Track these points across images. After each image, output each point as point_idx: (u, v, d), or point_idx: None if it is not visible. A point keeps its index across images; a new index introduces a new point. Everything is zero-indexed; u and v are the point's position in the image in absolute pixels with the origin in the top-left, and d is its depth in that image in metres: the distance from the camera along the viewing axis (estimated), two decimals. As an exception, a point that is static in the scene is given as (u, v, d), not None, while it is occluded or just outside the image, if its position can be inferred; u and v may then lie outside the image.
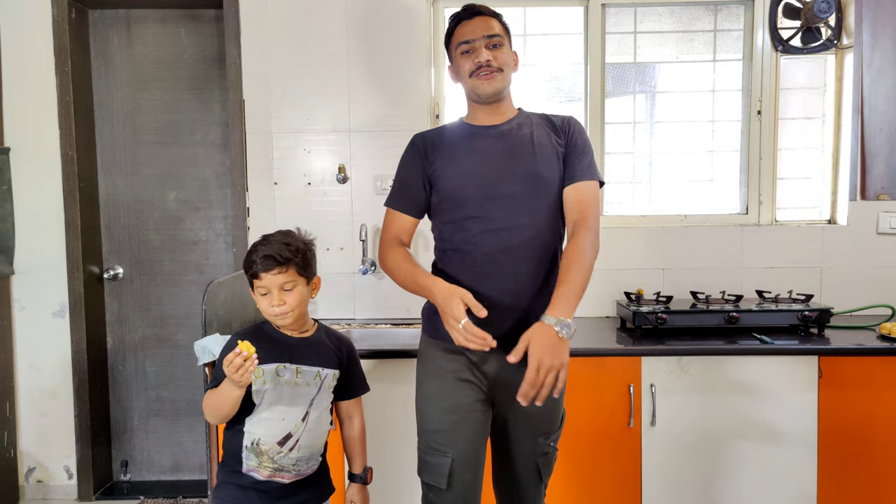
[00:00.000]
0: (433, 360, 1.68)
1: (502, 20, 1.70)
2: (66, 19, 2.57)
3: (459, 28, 1.68)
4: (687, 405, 2.12)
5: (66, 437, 2.70)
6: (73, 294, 2.65)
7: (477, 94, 1.66)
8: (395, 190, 1.74)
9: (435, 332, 1.69)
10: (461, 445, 1.62)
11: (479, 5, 1.69)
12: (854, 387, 2.10)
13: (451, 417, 1.62)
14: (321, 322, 1.72)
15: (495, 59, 1.64)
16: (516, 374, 1.61)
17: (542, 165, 1.64)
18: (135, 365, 2.82)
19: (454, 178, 1.65)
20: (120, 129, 2.76)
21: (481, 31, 1.64)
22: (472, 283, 1.60)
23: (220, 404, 1.54)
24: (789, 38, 2.60)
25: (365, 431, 1.74)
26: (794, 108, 2.69)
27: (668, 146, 2.73)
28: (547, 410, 1.65)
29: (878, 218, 2.57)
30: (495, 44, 1.65)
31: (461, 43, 1.66)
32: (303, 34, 2.56)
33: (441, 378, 1.65)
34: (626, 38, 2.70)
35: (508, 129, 1.68)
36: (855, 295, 2.56)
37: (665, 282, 2.60)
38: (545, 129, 1.69)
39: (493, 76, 1.63)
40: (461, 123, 1.75)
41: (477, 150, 1.66)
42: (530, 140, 1.66)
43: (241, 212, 2.62)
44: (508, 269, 1.60)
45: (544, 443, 1.68)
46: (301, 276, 1.58)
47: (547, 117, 1.73)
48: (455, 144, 1.69)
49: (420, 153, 1.71)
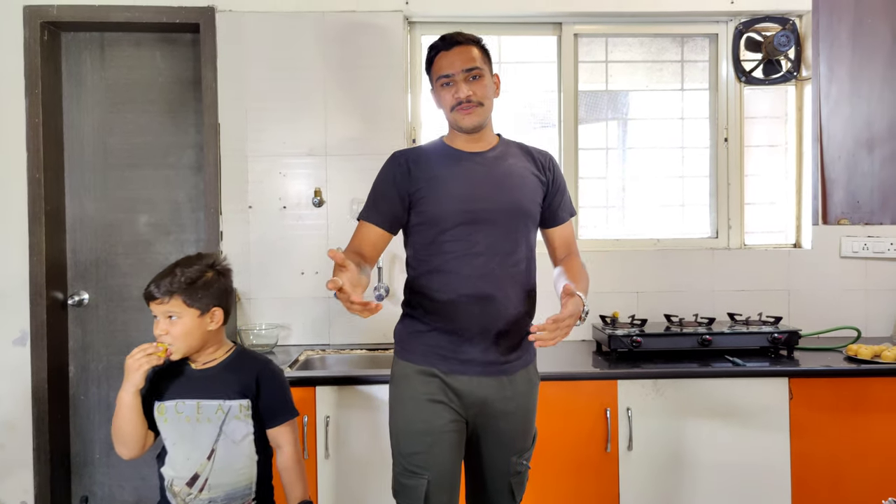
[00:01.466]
0: (406, 382, 1.67)
1: (482, 45, 1.70)
2: (38, 41, 2.53)
3: (438, 59, 1.67)
4: (663, 428, 2.13)
5: (24, 470, 2.58)
6: (36, 321, 2.56)
7: (459, 126, 1.68)
8: (369, 203, 1.71)
9: (407, 354, 1.69)
10: (437, 467, 1.62)
11: (458, 34, 1.68)
12: (824, 408, 2.14)
13: (426, 439, 1.62)
14: (245, 347, 1.69)
15: (475, 94, 1.64)
16: (489, 394, 1.64)
17: (526, 199, 1.68)
18: (98, 395, 2.73)
19: (441, 200, 1.64)
20: (90, 152, 2.71)
21: (460, 63, 1.64)
22: (449, 307, 1.62)
23: (116, 418, 1.51)
24: (752, 69, 2.71)
25: (299, 461, 1.62)
26: (758, 135, 2.79)
27: (640, 172, 2.79)
28: (520, 430, 1.69)
29: (841, 242, 2.65)
30: (475, 76, 1.65)
31: (441, 76, 1.66)
32: (279, 58, 2.57)
33: (415, 400, 1.64)
34: (598, 66, 2.77)
35: (493, 158, 1.70)
36: (821, 317, 2.62)
37: (639, 305, 2.63)
38: (525, 160, 1.73)
39: (472, 111, 1.65)
40: (443, 145, 1.74)
41: (464, 174, 1.67)
42: (516, 172, 1.69)
43: (215, 235, 2.58)
44: (486, 294, 1.61)
45: (517, 461, 1.69)
46: (190, 308, 1.52)
47: (526, 149, 1.76)
48: (441, 166, 1.69)
49: (402, 169, 1.69)
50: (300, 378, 2.12)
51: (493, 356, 1.63)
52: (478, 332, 1.62)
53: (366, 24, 2.57)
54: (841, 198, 2.65)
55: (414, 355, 1.67)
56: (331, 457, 2.10)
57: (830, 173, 2.65)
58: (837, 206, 2.65)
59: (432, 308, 1.65)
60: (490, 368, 1.63)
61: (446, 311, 1.63)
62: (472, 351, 1.62)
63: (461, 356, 1.63)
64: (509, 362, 1.66)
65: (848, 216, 2.64)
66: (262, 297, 2.60)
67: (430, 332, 1.66)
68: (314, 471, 2.09)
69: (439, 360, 1.64)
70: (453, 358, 1.63)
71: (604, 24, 2.72)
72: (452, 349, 1.63)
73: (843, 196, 2.65)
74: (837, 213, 2.64)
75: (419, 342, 1.67)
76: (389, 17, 2.57)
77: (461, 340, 1.63)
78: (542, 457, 2.08)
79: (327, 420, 2.09)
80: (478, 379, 1.63)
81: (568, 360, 2.33)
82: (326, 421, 2.09)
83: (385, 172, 1.72)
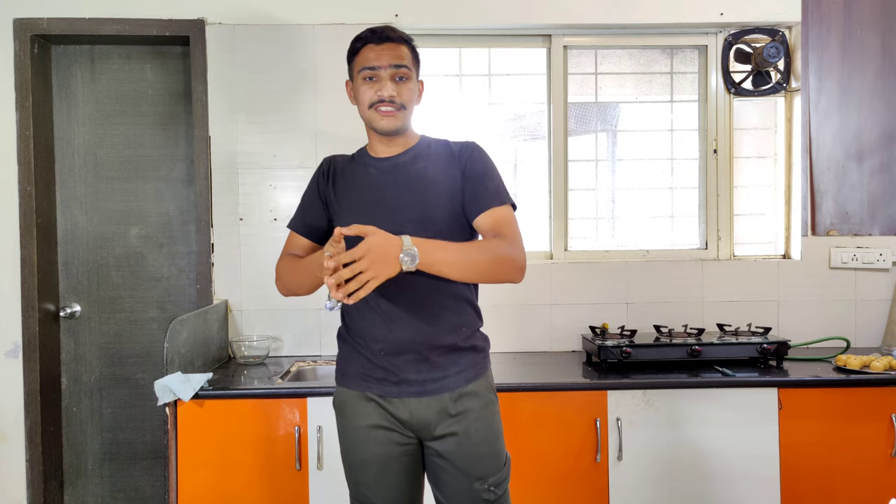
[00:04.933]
0: (345, 410, 1.59)
1: (413, 46, 1.58)
2: (29, 55, 2.54)
3: (364, 51, 1.53)
4: (652, 439, 2.14)
5: (16, 482, 2.58)
6: (28, 333, 2.56)
7: (374, 127, 1.56)
8: (298, 210, 1.66)
9: (343, 379, 1.61)
10: (385, 496, 1.55)
11: (390, 29, 1.55)
12: (813, 418, 2.15)
13: (370, 469, 1.55)
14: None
15: (399, 95, 1.52)
16: (430, 415, 1.53)
17: (432, 206, 1.53)
18: (90, 406, 2.73)
19: (343, 212, 1.56)
20: (81, 165, 2.72)
21: (388, 59, 1.51)
22: (373, 326, 1.54)
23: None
24: (741, 81, 2.72)
25: None
26: (748, 147, 2.80)
27: (629, 183, 2.80)
28: (478, 452, 1.53)
29: (830, 253, 2.66)
30: (402, 76, 1.53)
31: (365, 68, 1.52)
32: (269, 71, 2.58)
33: (355, 430, 1.57)
34: (587, 78, 2.79)
35: (403, 163, 1.58)
36: (810, 327, 2.63)
37: (629, 316, 2.64)
38: (442, 159, 1.58)
39: (394, 114, 1.52)
40: (363, 151, 1.65)
41: (367, 184, 1.57)
42: (423, 175, 1.55)
43: (206, 248, 2.59)
44: (402, 311, 1.52)
45: (481, 488, 1.52)
46: None
47: (447, 145, 1.61)
48: (351, 175, 1.60)
49: (322, 176, 1.63)
50: (291, 389, 2.13)
51: (426, 374, 1.52)
52: (405, 350, 1.52)
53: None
54: (830, 209, 2.68)
55: (349, 380, 1.59)
56: (324, 468, 2.10)
57: (819, 184, 2.68)
58: (826, 217, 2.68)
59: (357, 329, 1.57)
60: (425, 387, 1.52)
61: (370, 331, 1.54)
62: (404, 371, 1.52)
63: (392, 378, 1.53)
64: (447, 378, 1.53)
65: (837, 227, 2.67)
66: (254, 309, 2.60)
67: (360, 355, 1.57)
68: (306, 482, 2.10)
69: (374, 383, 1.55)
70: (385, 380, 1.54)
71: (593, 35, 2.73)
72: (383, 370, 1.53)
73: (832, 207, 2.68)
74: (826, 224, 2.67)
75: (352, 366, 1.59)
76: (380, 30, 2.58)
77: (389, 360, 1.53)
78: (532, 468, 2.09)
79: (319, 431, 2.10)
80: (416, 400, 1.53)
81: (557, 370, 2.33)
82: (319, 432, 2.10)
83: (312, 179, 1.66)
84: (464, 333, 1.57)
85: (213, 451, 2.10)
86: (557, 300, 2.63)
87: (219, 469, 2.10)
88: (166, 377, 2.06)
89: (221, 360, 2.53)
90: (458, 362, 1.55)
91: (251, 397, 2.11)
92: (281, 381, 2.25)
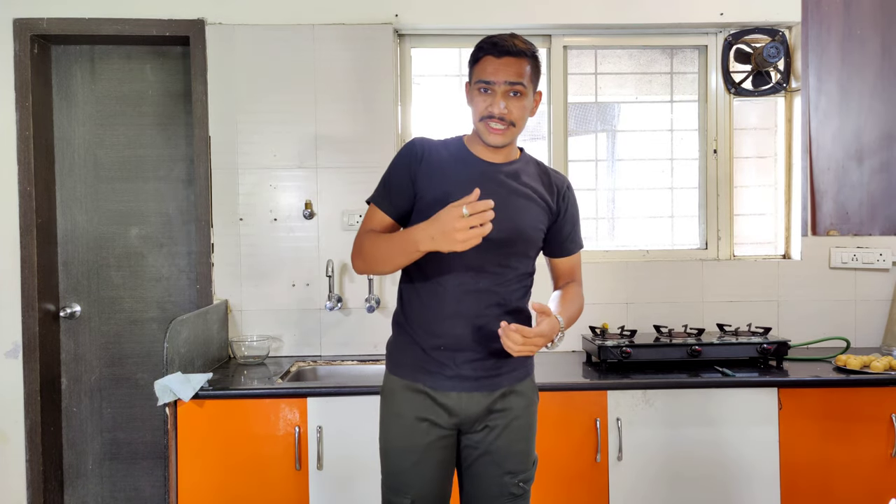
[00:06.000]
0: (393, 398, 1.65)
1: (535, 57, 1.57)
2: (28, 55, 2.54)
3: (484, 61, 1.54)
4: (652, 438, 2.14)
5: (16, 482, 2.58)
6: (28, 333, 2.56)
7: (483, 139, 1.58)
8: (382, 188, 1.63)
9: (396, 368, 1.66)
10: (421, 487, 1.60)
11: (513, 42, 1.54)
12: (813, 418, 2.15)
13: (409, 458, 1.60)
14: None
15: (510, 113, 1.53)
16: (478, 409, 1.61)
17: (527, 223, 1.60)
18: (90, 406, 2.73)
19: (441, 202, 1.48)
20: (81, 165, 2.72)
21: (504, 75, 1.52)
22: (437, 321, 1.60)
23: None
24: (741, 81, 2.72)
25: None
26: (748, 147, 2.80)
27: (629, 183, 2.80)
28: (514, 449, 1.62)
29: (830, 253, 2.66)
30: (516, 91, 1.53)
31: (481, 80, 1.54)
32: (269, 71, 2.58)
33: (399, 418, 1.62)
34: (587, 78, 2.79)
35: (507, 173, 1.61)
36: (810, 327, 2.63)
37: (629, 316, 2.64)
38: (540, 183, 1.64)
39: (502, 131, 1.54)
40: (460, 145, 1.64)
41: (471, 183, 1.53)
42: (524, 193, 1.61)
43: (206, 248, 2.59)
44: (472, 310, 1.58)
45: (511, 482, 1.62)
46: None
47: (545, 170, 1.68)
48: (450, 167, 1.60)
49: (416, 158, 1.60)
50: (291, 389, 2.13)
51: (482, 371, 1.60)
52: (465, 347, 1.59)
53: (356, 37, 2.58)
54: (830, 209, 2.68)
55: (401, 369, 1.64)
56: (324, 468, 2.10)
57: (819, 184, 2.68)
58: (826, 217, 2.68)
59: (420, 321, 1.62)
60: (479, 384, 1.60)
61: (434, 325, 1.59)
62: (459, 366, 1.58)
63: (447, 371, 1.59)
64: (500, 376, 1.62)
65: (837, 227, 2.67)
66: (254, 309, 2.60)
67: (417, 346, 1.62)
68: (306, 482, 2.10)
69: (426, 375, 1.60)
70: (439, 373, 1.59)
71: (593, 36, 2.73)
72: (439, 364, 1.59)
73: (832, 207, 2.68)
74: (826, 224, 2.67)
75: (406, 356, 1.64)
76: (379, 30, 2.58)
77: (448, 355, 1.59)
78: (532, 469, 2.09)
79: (319, 431, 2.10)
80: (467, 395, 1.59)
81: (558, 370, 2.33)
82: (318, 432, 2.10)
83: (399, 158, 1.62)
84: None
85: (213, 451, 2.10)
86: (557, 300, 2.63)
87: (219, 469, 2.10)
88: (166, 377, 2.07)
89: (221, 360, 2.53)
90: (510, 362, 1.63)
91: (251, 397, 2.11)
92: (281, 381, 2.25)
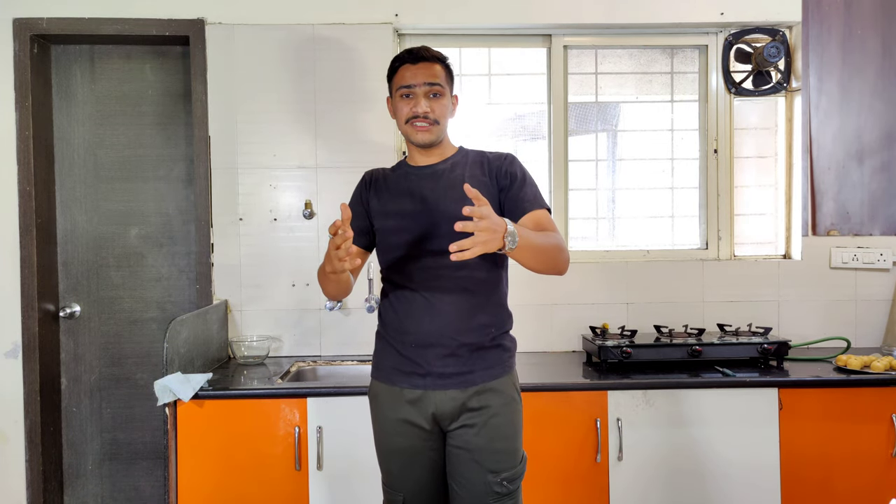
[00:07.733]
0: (376, 402, 1.72)
1: (447, 64, 1.71)
2: (28, 55, 2.54)
3: (402, 70, 1.68)
4: (653, 439, 2.14)
5: (16, 482, 2.58)
6: (27, 333, 2.56)
7: (411, 140, 1.70)
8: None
9: (376, 371, 1.73)
10: (410, 487, 1.66)
11: (425, 49, 1.69)
12: (813, 418, 2.15)
13: (397, 460, 1.67)
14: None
15: (433, 111, 1.65)
16: (454, 407, 1.63)
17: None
18: (90, 406, 2.73)
19: (385, 217, 1.70)
20: (81, 165, 2.71)
21: (423, 77, 1.65)
22: (404, 321, 1.66)
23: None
24: (741, 80, 2.72)
25: None
26: (748, 147, 2.80)
27: (629, 183, 2.80)
28: (495, 447, 1.62)
29: (831, 253, 2.66)
30: (435, 92, 1.66)
31: (402, 86, 1.67)
32: (269, 70, 2.58)
33: (383, 422, 1.69)
34: (587, 78, 2.78)
35: (442, 170, 1.70)
36: (811, 328, 2.63)
37: (629, 316, 2.64)
38: (479, 168, 1.70)
39: (428, 128, 1.66)
40: (401, 162, 1.80)
41: (408, 191, 1.70)
42: (460, 182, 1.64)
43: (206, 248, 2.59)
44: (436, 307, 1.63)
45: (494, 481, 1.61)
46: None
47: (483, 154, 1.74)
48: (391, 184, 1.74)
49: (365, 187, 1.77)
50: (291, 390, 2.13)
51: (453, 367, 1.62)
52: (434, 343, 1.62)
53: (355, 37, 2.58)
54: (831, 209, 2.68)
55: (381, 373, 1.71)
56: (323, 468, 2.10)
57: (820, 184, 2.68)
58: (827, 217, 2.68)
59: (393, 323, 1.68)
60: (452, 380, 1.62)
61: (404, 323, 1.65)
62: (431, 363, 1.62)
63: (420, 370, 1.63)
64: (473, 373, 1.63)
65: (838, 227, 2.67)
66: (254, 309, 2.60)
67: (392, 349, 1.68)
68: (306, 482, 2.10)
69: (401, 376, 1.66)
70: (413, 373, 1.64)
71: (593, 35, 2.73)
72: (412, 363, 1.64)
73: (832, 207, 2.68)
74: (827, 224, 2.67)
75: (384, 360, 1.71)
76: (379, 30, 2.58)
77: (419, 353, 1.63)
78: (532, 467, 2.08)
79: (319, 431, 2.10)
80: (441, 392, 1.62)
81: (558, 371, 2.33)
82: (318, 432, 2.10)
83: (356, 190, 1.81)
84: (491, 334, 1.66)
85: (213, 451, 2.10)
86: (558, 300, 2.63)
87: (219, 469, 2.10)
88: (166, 377, 2.06)
89: (221, 360, 2.53)
90: (485, 358, 1.65)
91: (251, 397, 2.11)
92: (281, 381, 2.25)
